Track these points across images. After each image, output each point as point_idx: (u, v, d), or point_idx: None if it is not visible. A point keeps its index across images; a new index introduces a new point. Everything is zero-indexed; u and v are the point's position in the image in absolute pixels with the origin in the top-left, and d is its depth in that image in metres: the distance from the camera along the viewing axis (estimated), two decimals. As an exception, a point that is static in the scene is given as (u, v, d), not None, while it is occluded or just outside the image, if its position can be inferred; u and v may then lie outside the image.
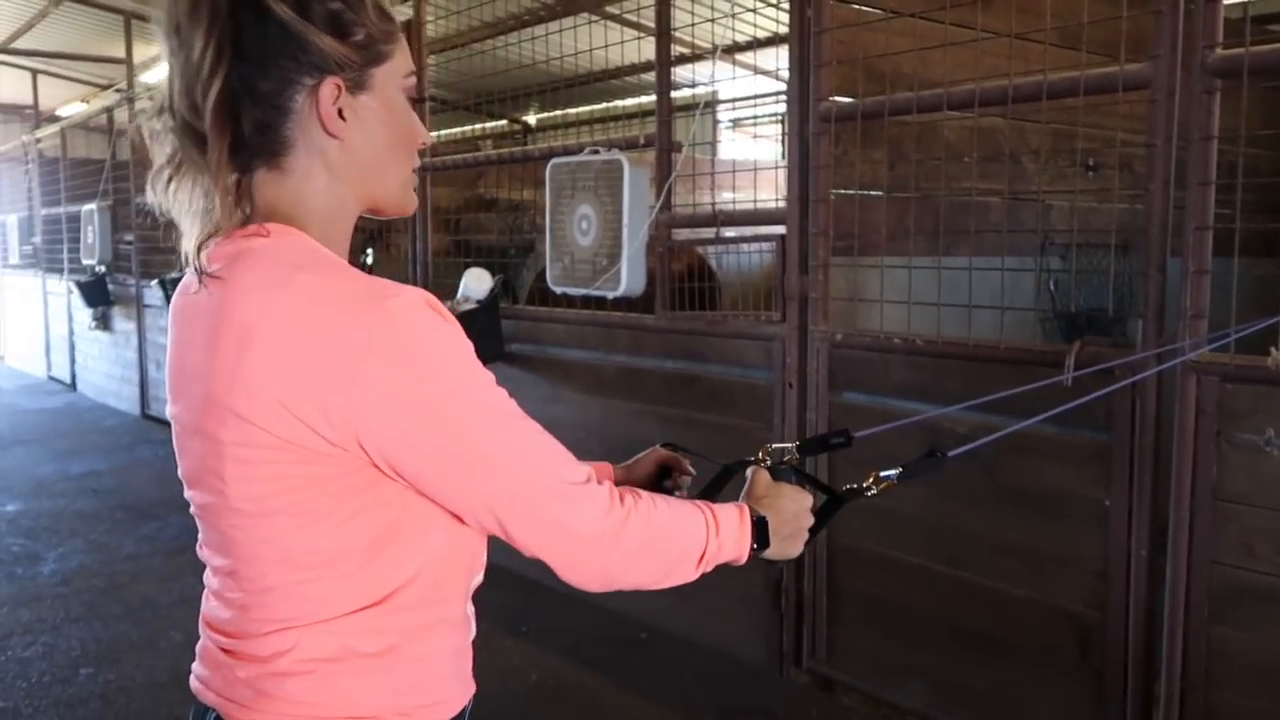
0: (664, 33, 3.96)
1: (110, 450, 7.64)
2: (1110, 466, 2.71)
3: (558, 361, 4.49)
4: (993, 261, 3.09)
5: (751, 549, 1.25)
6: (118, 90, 11.37)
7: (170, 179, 1.10)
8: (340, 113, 1.11)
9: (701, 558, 1.20)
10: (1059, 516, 2.84)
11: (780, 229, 3.54)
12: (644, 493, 1.18)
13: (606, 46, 4.39)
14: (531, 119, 10.82)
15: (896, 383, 3.20)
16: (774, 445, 1.43)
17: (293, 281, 1.04)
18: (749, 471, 1.35)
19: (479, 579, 1.23)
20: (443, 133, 9.58)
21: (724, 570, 1.26)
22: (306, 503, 1.05)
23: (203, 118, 1.05)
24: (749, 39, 4.47)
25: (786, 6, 3.49)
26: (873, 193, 3.48)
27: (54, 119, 13.03)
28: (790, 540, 1.30)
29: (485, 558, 1.23)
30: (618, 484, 1.44)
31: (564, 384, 4.45)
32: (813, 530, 1.34)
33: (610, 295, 4.05)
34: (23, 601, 4.50)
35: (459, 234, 5.75)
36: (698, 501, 1.24)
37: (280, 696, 1.10)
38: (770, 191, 4.05)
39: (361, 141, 1.13)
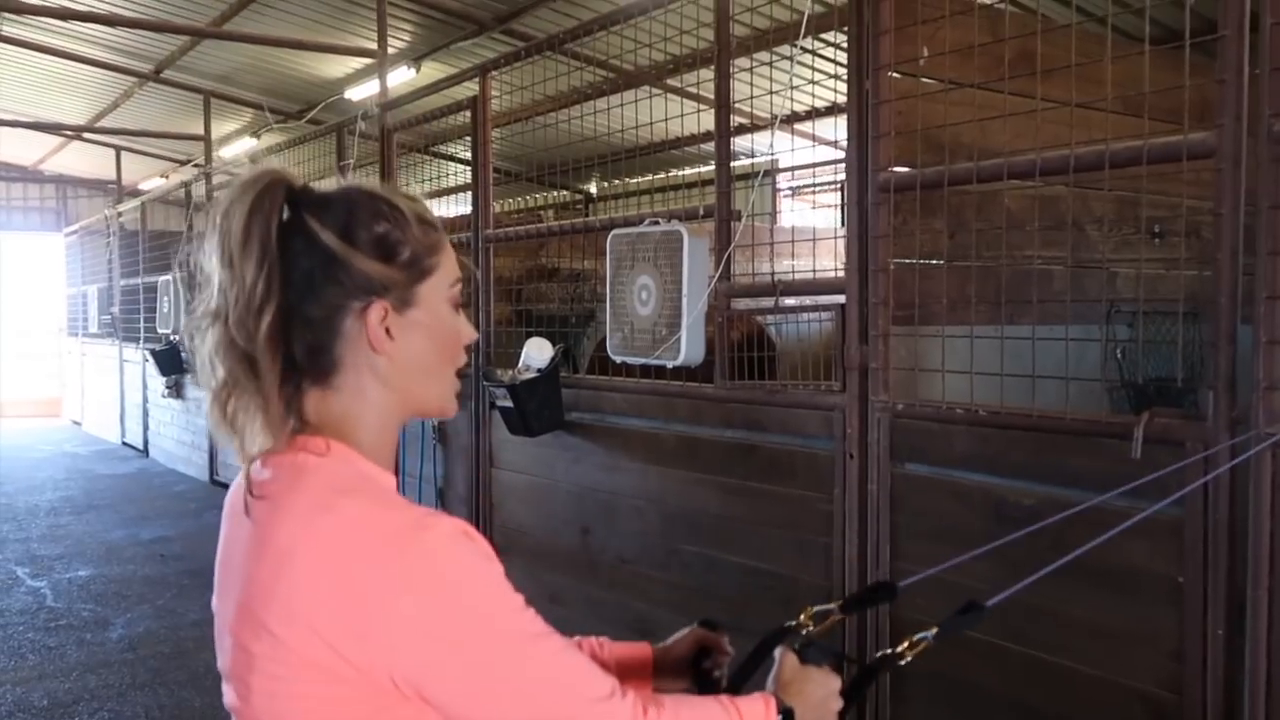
0: (723, 105, 4.01)
1: (179, 516, 7.78)
2: (1183, 542, 2.63)
3: (617, 430, 4.50)
4: (1057, 331, 3.05)
5: None
6: (196, 165, 11.79)
7: (227, 400, 1.11)
8: (388, 331, 1.14)
9: None
10: (1130, 593, 2.75)
11: (840, 298, 3.53)
12: (668, 699, 1.19)
13: (667, 119, 4.46)
14: (593, 189, 10.98)
15: (959, 453, 3.15)
16: (816, 608, 1.42)
17: (337, 507, 1.07)
18: (777, 653, 1.35)
19: None
20: (506, 203, 9.76)
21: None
22: None
23: (255, 344, 1.08)
24: (808, 109, 4.51)
25: (845, 78, 3.52)
26: (933, 261, 3.47)
27: (135, 193, 13.53)
28: None
29: None
30: (656, 664, 1.49)
31: (623, 453, 4.45)
32: (842, 712, 1.34)
33: (670, 364, 4.06)
34: (90, 667, 4.57)
35: (520, 303, 5.83)
36: (722, 698, 1.25)
37: None
38: (830, 259, 4.05)
39: (409, 355, 1.16)
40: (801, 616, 1.41)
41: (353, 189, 1.16)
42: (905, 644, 1.41)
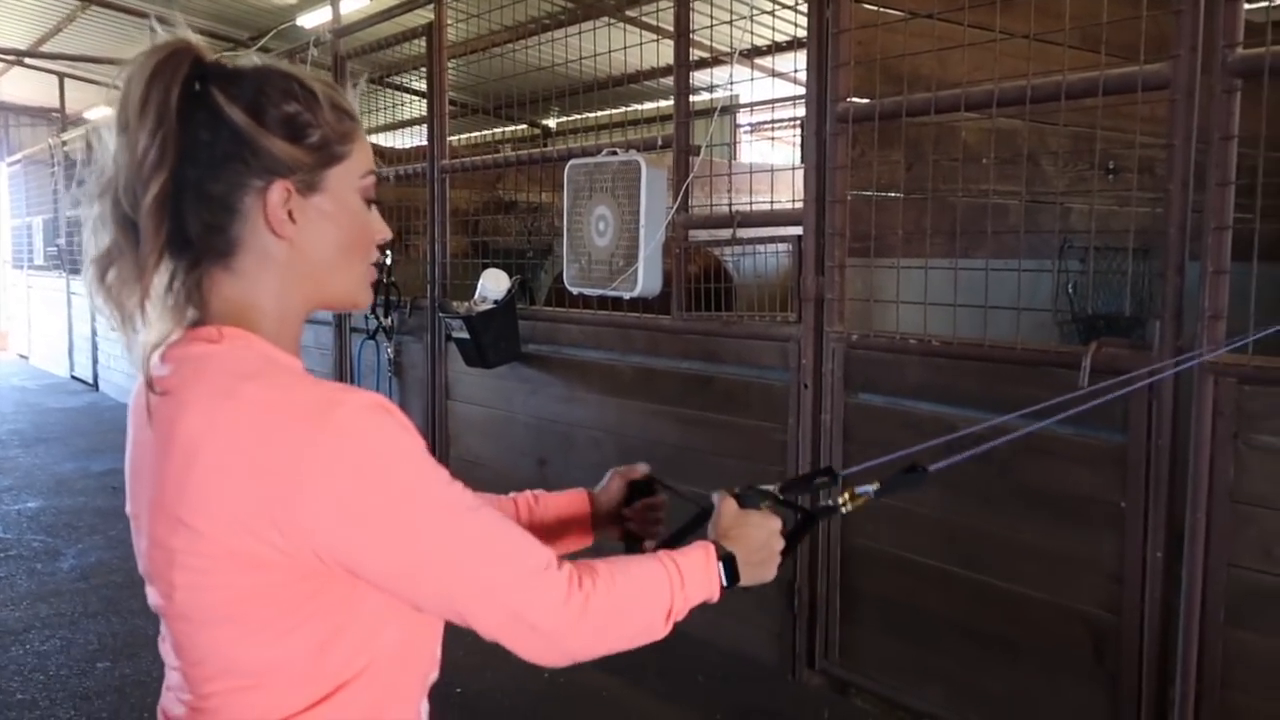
0: (683, 34, 3.97)
1: (131, 449, 7.70)
2: (1126, 468, 2.70)
3: (574, 362, 4.50)
4: (1010, 264, 3.08)
5: (722, 586, 1.25)
6: (142, 93, 11.49)
7: (106, 270, 1.07)
8: (290, 214, 1.10)
9: (669, 613, 1.20)
10: (1075, 518, 2.82)
11: (797, 230, 3.54)
12: (602, 566, 1.16)
13: (625, 49, 4.40)
14: (551, 123, 10.85)
15: (912, 384, 3.19)
16: (759, 486, 1.40)
17: (238, 392, 1.03)
18: (715, 499, 1.33)
19: (434, 676, 1.23)
20: (462, 136, 9.62)
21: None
22: (251, 612, 1.05)
23: (139, 212, 1.04)
24: (768, 43, 4.49)
25: (805, 9, 3.49)
26: (890, 194, 3.48)
27: (80, 122, 13.16)
28: (761, 566, 1.29)
29: (439, 656, 1.23)
30: (594, 513, 1.48)
31: (580, 384, 4.46)
32: (785, 551, 1.33)
33: (627, 296, 4.06)
34: (42, 596, 4.54)
35: (477, 235, 5.78)
36: (661, 554, 1.23)
37: None
38: (788, 195, 4.06)
39: (311, 243, 1.12)
40: (739, 490, 1.41)
41: (266, 67, 1.12)
42: (846, 495, 1.40)
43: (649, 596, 1.18)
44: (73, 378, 11.59)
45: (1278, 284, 3.48)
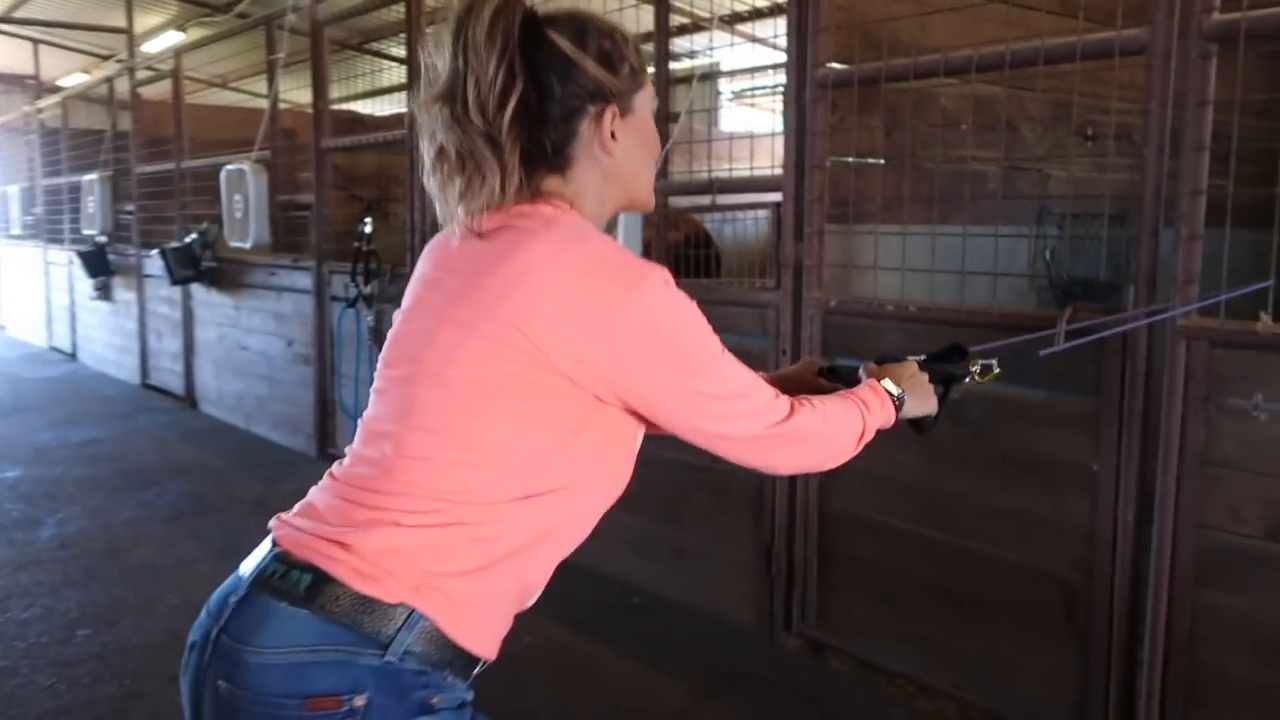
0: (662, 0, 3.95)
1: (109, 419, 7.66)
2: (1099, 432, 2.73)
3: (554, 330, 4.49)
4: (987, 230, 3.10)
5: (896, 409, 1.55)
6: (118, 61, 11.34)
7: (442, 165, 1.29)
8: (613, 134, 1.34)
9: (860, 436, 1.50)
10: (1048, 481, 2.85)
11: (776, 196, 3.54)
12: (814, 399, 1.44)
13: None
14: (533, 92, 10.78)
15: (889, 349, 3.18)
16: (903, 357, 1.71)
17: (588, 242, 1.26)
18: (861, 370, 1.65)
19: (570, 550, 1.39)
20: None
21: (716, 535, 1.41)
22: (513, 400, 1.23)
23: (496, 128, 1.25)
24: (748, 8, 4.48)
25: (785, -27, 3.48)
26: (869, 160, 3.48)
27: (55, 89, 13.01)
28: (921, 398, 1.62)
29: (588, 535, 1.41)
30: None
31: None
32: (936, 383, 1.67)
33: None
34: (21, 565, 4.53)
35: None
36: (846, 393, 1.54)
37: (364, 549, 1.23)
38: (768, 162, 4.05)
39: (625, 156, 1.37)
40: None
41: (575, 11, 1.35)
42: (976, 367, 1.78)
43: (848, 422, 1.48)
44: (51, 348, 11.51)
45: (1252, 250, 3.51)
